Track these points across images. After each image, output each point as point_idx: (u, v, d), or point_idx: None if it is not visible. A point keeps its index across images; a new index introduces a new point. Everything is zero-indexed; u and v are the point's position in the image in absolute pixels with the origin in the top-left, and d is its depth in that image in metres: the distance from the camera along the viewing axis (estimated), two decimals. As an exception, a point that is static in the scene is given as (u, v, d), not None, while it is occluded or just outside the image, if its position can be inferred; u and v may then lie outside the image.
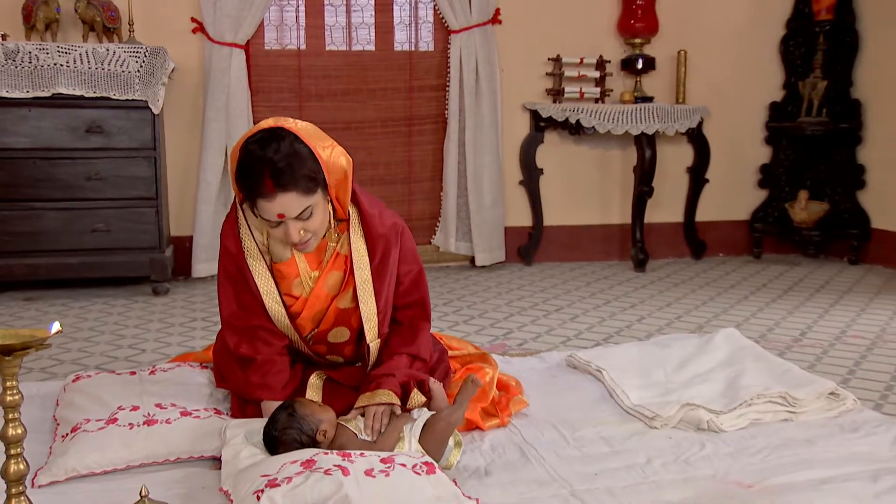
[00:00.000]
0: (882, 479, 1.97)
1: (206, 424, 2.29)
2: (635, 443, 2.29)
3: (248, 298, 2.35)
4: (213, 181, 4.51)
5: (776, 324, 3.74)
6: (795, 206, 5.19)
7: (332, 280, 2.33)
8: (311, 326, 2.38)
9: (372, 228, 2.33)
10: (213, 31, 4.47)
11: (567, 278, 4.77)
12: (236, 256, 2.33)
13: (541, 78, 5.09)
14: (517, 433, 2.37)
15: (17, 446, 1.42)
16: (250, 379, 2.34)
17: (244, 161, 2.13)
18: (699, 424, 2.37)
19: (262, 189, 2.09)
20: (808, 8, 5.25)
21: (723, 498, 1.92)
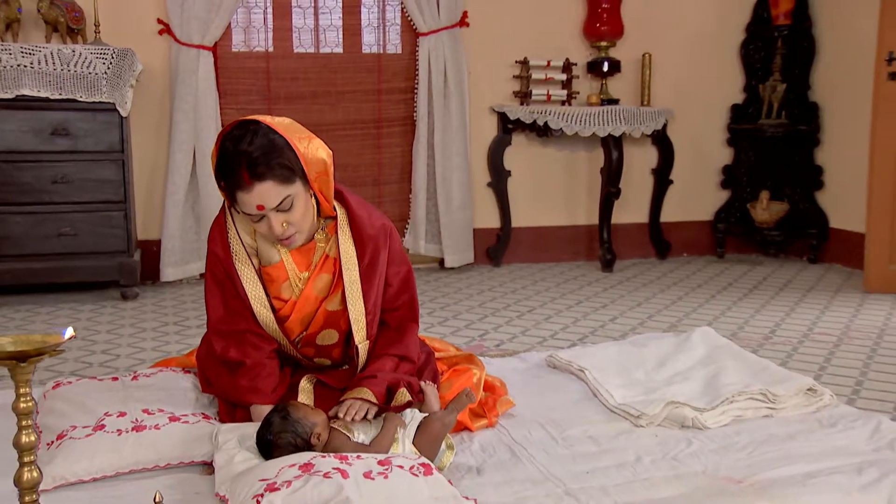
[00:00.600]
0: (866, 472, 2.02)
1: (196, 429, 2.28)
2: (623, 441, 2.32)
3: (236, 303, 2.33)
4: (181, 184, 4.46)
5: (746, 322, 3.81)
6: (757, 206, 5.30)
7: (321, 282, 2.33)
8: (299, 329, 2.37)
9: (361, 230, 2.33)
10: (180, 32, 4.43)
11: (537, 279, 4.81)
12: (224, 260, 2.32)
13: (508, 80, 5.12)
14: (506, 433, 2.39)
15: (30, 454, 1.40)
16: (239, 383, 2.32)
17: (221, 156, 2.14)
18: (683, 422, 2.41)
19: (239, 181, 2.09)
20: (766, 13, 5.36)
21: (715, 493, 1.95)
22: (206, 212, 4.51)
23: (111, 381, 2.62)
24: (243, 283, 2.31)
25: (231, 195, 2.15)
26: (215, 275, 2.35)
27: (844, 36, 5.13)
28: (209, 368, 2.44)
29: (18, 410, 1.38)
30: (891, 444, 2.24)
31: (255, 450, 2.10)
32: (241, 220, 2.32)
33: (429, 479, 1.93)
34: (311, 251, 2.33)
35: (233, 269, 2.31)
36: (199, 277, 4.69)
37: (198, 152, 4.48)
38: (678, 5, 5.35)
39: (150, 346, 3.47)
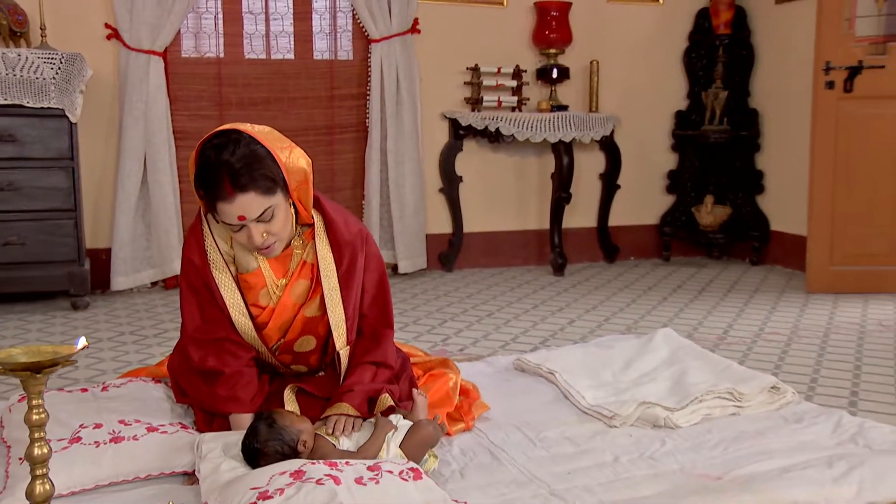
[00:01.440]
0: (836, 466, 2.10)
1: (175, 439, 2.26)
2: (599, 442, 2.37)
3: (214, 311, 2.32)
4: (132, 191, 4.40)
5: (699, 323, 3.92)
6: (701, 210, 5.44)
7: (298, 289, 2.33)
8: (277, 336, 2.37)
9: (338, 236, 2.34)
10: (129, 37, 4.37)
11: (490, 284, 4.86)
12: (201, 269, 2.31)
13: (459, 87, 5.17)
14: (483, 436, 2.42)
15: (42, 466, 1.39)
16: (218, 392, 2.31)
17: (202, 166, 2.12)
18: (656, 422, 2.47)
19: (221, 192, 2.08)
20: (708, 22, 5.51)
21: (696, 490, 2.01)
22: (157, 219, 4.46)
23: (80, 392, 2.58)
24: (221, 291, 2.30)
25: (211, 205, 2.14)
26: (191, 283, 2.34)
27: (781, 46, 5.31)
28: (184, 378, 2.42)
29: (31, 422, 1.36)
30: (853, 438, 2.34)
31: (240, 458, 2.09)
32: (217, 228, 2.31)
33: (418, 483, 1.95)
34: (289, 258, 2.33)
35: (210, 277, 2.30)
36: (151, 286, 4.63)
37: (148, 159, 4.42)
38: (624, 14, 5.46)
39: (109, 356, 3.41)
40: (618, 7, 5.45)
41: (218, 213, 2.14)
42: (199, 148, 2.16)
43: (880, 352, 3.44)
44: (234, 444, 2.14)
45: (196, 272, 2.32)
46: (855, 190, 4.52)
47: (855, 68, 4.45)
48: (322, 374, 2.50)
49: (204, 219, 2.32)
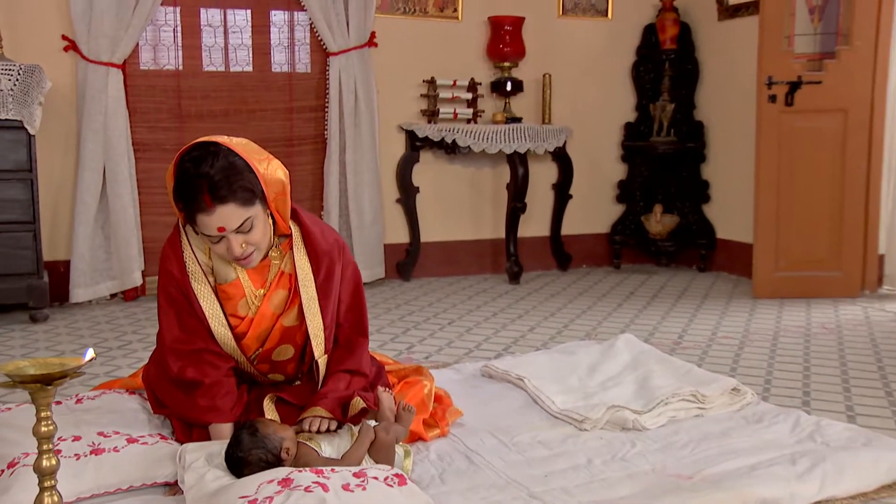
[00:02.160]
0: (799, 462, 2.18)
1: (155, 450, 2.26)
2: (571, 445, 2.42)
3: (192, 322, 2.32)
4: (91, 203, 4.35)
5: (655, 328, 4.00)
6: (651, 219, 5.55)
7: (277, 299, 2.35)
8: (255, 346, 2.38)
9: (315, 246, 2.36)
10: (87, 49, 4.32)
11: (448, 292, 4.90)
12: (180, 280, 2.30)
13: (416, 99, 5.21)
14: (459, 442, 2.46)
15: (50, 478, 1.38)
16: (198, 403, 2.31)
17: (181, 178, 2.13)
18: (624, 424, 2.53)
19: (200, 204, 2.09)
20: (654, 38, 5.64)
21: (671, 490, 2.07)
22: (117, 231, 4.41)
23: (55, 404, 2.55)
24: (200, 302, 2.30)
25: (190, 217, 2.15)
26: (170, 294, 2.33)
27: (723, 61, 5.46)
28: (162, 389, 2.41)
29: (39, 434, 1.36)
30: (811, 436, 2.43)
31: (224, 467, 2.10)
32: (196, 239, 2.31)
33: (403, 489, 1.98)
34: (266, 268, 2.34)
35: (189, 288, 2.30)
36: (110, 298, 4.57)
37: (108, 171, 4.37)
38: (575, 29, 5.56)
39: (74, 369, 3.36)
40: (569, 22, 5.55)
41: (197, 225, 2.14)
42: (176, 160, 2.16)
43: (826, 353, 3.56)
44: (217, 453, 2.14)
45: (175, 284, 2.31)
46: (797, 199, 4.66)
47: (795, 83, 4.60)
48: (298, 382, 2.52)
49: (182, 230, 2.32)
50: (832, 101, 4.61)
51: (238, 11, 4.77)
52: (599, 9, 5.63)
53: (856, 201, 4.69)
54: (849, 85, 4.61)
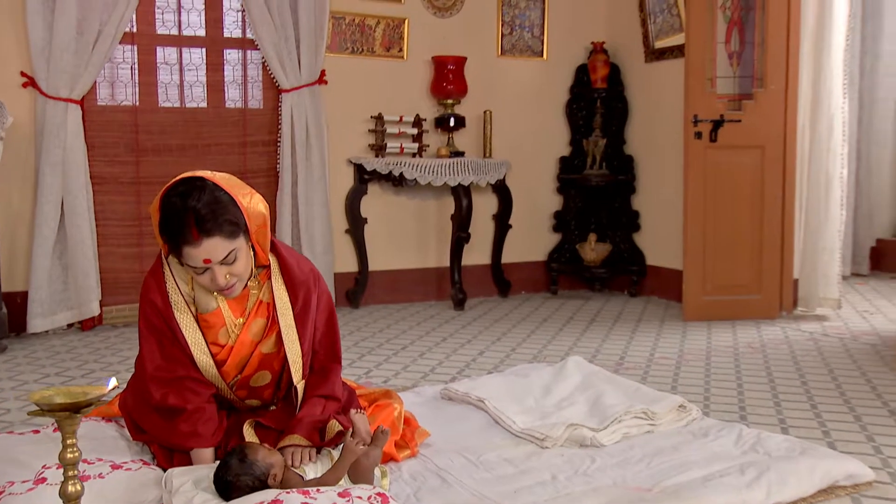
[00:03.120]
0: (747, 472, 2.30)
1: (140, 476, 2.25)
2: (535, 462, 2.50)
3: (174, 350, 2.33)
4: (49, 235, 4.29)
5: (597, 351, 4.12)
6: (585, 247, 5.71)
7: (256, 327, 2.38)
8: (235, 372, 2.40)
9: (293, 276, 2.40)
10: (46, 86, 4.28)
11: (397, 319, 4.95)
12: (163, 310, 2.32)
13: (364, 134, 5.28)
14: (429, 461, 2.51)
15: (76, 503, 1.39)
16: (179, 429, 2.31)
17: (168, 212, 2.16)
18: (583, 441, 2.62)
19: (187, 236, 2.12)
20: (587, 77, 5.82)
21: (634, 502, 2.15)
22: (75, 262, 4.36)
23: (32, 433, 2.53)
24: (183, 331, 2.32)
25: (176, 249, 2.17)
26: (152, 324, 2.34)
27: (651, 99, 5.67)
28: (142, 416, 2.41)
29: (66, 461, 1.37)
30: (753, 448, 2.55)
31: (212, 491, 2.11)
32: (178, 270, 2.33)
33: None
34: (245, 298, 2.37)
35: (172, 318, 2.31)
36: (67, 328, 4.50)
37: (66, 204, 4.32)
38: (513, 68, 5.71)
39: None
40: (508, 62, 5.70)
41: (183, 257, 2.17)
42: (162, 195, 2.19)
43: (755, 371, 3.72)
44: (204, 477, 2.15)
45: (157, 313, 2.33)
46: (721, 229, 4.86)
47: (718, 121, 4.81)
48: (274, 407, 2.54)
49: (165, 262, 2.34)
50: (751, 138, 4.84)
51: (193, 50, 4.79)
52: (535, 50, 5.79)
53: (773, 230, 4.91)
54: (765, 123, 4.84)
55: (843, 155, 4.94)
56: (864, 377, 3.62)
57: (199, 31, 4.80)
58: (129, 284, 4.63)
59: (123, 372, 3.71)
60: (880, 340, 4.33)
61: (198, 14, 4.78)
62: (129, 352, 4.06)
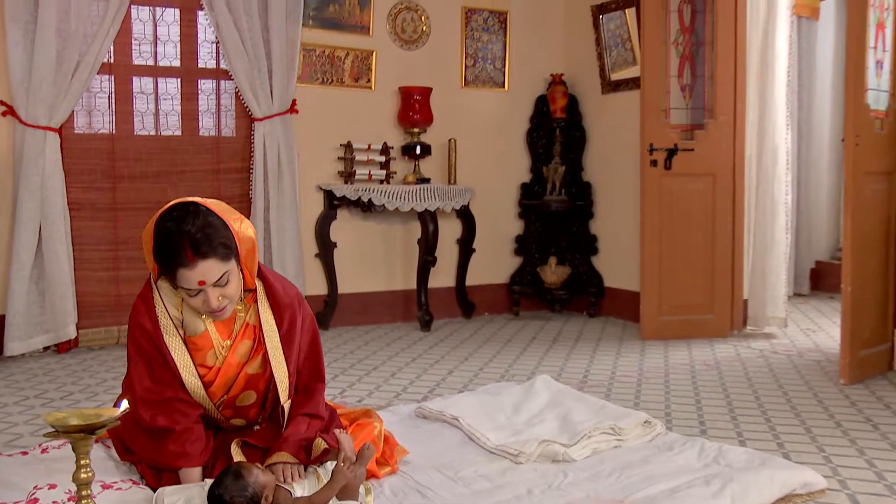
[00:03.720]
0: (712, 483, 2.37)
1: (130, 495, 2.26)
2: (510, 477, 2.54)
3: (163, 373, 2.35)
4: (26, 261, 4.26)
5: (561, 369, 4.19)
6: (546, 270, 5.80)
7: (242, 349, 2.40)
8: (221, 393, 2.42)
9: (278, 299, 2.43)
10: (25, 114, 4.27)
11: (367, 340, 4.98)
12: (153, 334, 2.33)
13: (333, 162, 5.32)
14: (409, 478, 2.54)
15: (92, 523, 1.41)
16: (168, 449, 2.33)
17: (162, 237, 2.19)
18: (555, 457, 2.67)
19: (182, 259, 2.16)
20: (546, 107, 5.94)
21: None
22: (52, 287, 4.33)
23: (21, 455, 2.52)
24: (172, 354, 2.34)
25: (171, 271, 2.20)
26: (141, 347, 2.36)
27: (607, 128, 5.80)
28: (130, 437, 2.42)
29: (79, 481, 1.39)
30: (716, 460, 2.63)
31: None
32: (167, 294, 2.35)
33: (374, 522, 2.07)
34: (233, 320, 2.40)
35: (162, 341, 2.33)
36: (43, 351, 4.45)
37: (44, 230, 4.30)
38: (477, 98, 5.81)
39: (21, 419, 3.29)
40: (471, 92, 5.79)
41: (178, 280, 2.20)
42: (156, 220, 2.22)
43: (711, 387, 3.82)
44: (195, 496, 2.17)
45: (147, 336, 2.34)
46: (676, 251, 4.98)
47: (672, 150, 4.94)
48: (258, 427, 2.57)
49: (154, 286, 2.36)
50: (703, 166, 4.98)
51: (169, 80, 4.80)
52: (497, 81, 5.90)
53: (724, 253, 5.05)
54: (715, 152, 4.99)
55: (787, 182, 5.11)
56: (812, 391, 3.74)
57: (174, 62, 4.82)
58: (104, 308, 4.61)
59: (101, 393, 3.69)
60: (823, 357, 4.47)
61: (173, 45, 4.80)
62: (105, 374, 4.04)
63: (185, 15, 4.83)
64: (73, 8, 4.33)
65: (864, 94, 3.97)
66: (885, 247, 4.17)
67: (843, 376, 3.93)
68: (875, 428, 3.20)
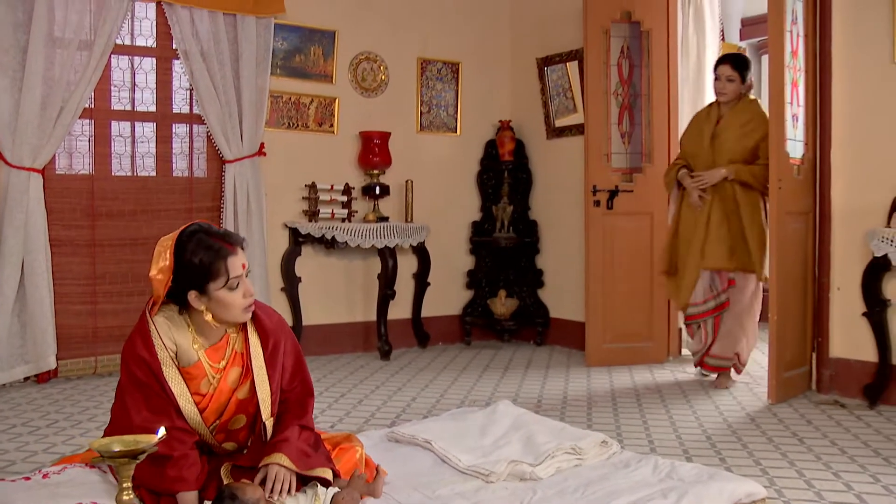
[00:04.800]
0: (669, 496, 2.51)
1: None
2: (484, 495, 2.63)
3: (159, 402, 2.39)
4: (9, 295, 4.25)
5: (516, 394, 4.32)
6: (496, 302, 5.94)
7: (232, 375, 2.49)
8: (214, 418, 2.49)
9: (264, 326, 2.54)
10: (11, 156, 4.28)
11: (332, 369, 5.05)
12: (151, 364, 2.39)
13: (298, 201, 5.40)
14: (391, 498, 2.61)
15: (134, 542, 1.48)
16: (167, 474, 2.37)
17: (194, 245, 2.33)
18: (522, 476, 2.78)
19: (223, 251, 2.33)
20: (495, 151, 6.12)
21: (576, 524, 2.35)
22: (33, 320, 4.33)
23: (24, 480, 2.53)
24: (170, 383, 2.40)
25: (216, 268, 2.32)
26: (137, 379, 2.39)
27: (551, 170, 6.01)
28: None
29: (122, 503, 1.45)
30: (669, 475, 2.76)
31: (205, 530, 2.19)
32: (163, 328, 2.42)
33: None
34: (224, 347, 2.49)
35: (160, 372, 2.39)
36: (24, 381, 4.42)
37: (26, 265, 4.29)
38: (431, 142, 5.97)
39: (12, 447, 3.28)
40: (426, 137, 5.95)
41: (228, 267, 2.32)
42: (176, 243, 2.34)
43: (654, 408, 4.00)
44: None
45: (145, 368, 2.39)
46: (617, 284, 5.18)
47: (613, 191, 5.16)
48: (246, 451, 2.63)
49: (151, 321, 2.43)
50: (641, 205, 5.20)
51: (146, 124, 4.85)
52: (450, 126, 6.08)
53: (660, 285, 5.26)
54: (652, 193, 5.21)
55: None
56: (744, 410, 3.94)
57: (150, 107, 4.87)
58: (82, 340, 4.59)
59: (85, 421, 3.69)
60: (751, 379, 4.69)
61: (150, 92, 4.85)
62: (86, 402, 4.03)
63: (161, 64, 4.89)
64: (59, 57, 4.37)
65: (784, 143, 4.24)
66: (804, 280, 4.43)
67: (770, 396, 4.15)
68: (801, 441, 3.40)
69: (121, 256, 4.72)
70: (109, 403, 3.98)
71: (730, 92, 4.48)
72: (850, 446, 3.34)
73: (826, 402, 4.13)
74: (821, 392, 4.35)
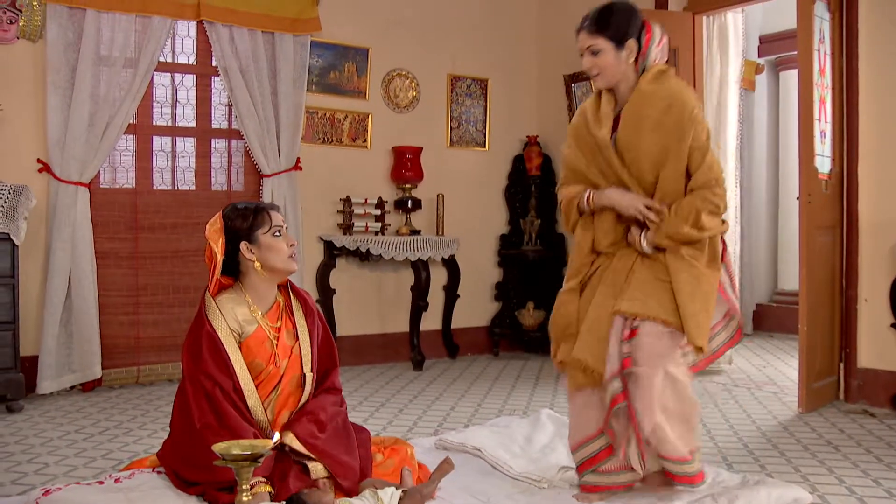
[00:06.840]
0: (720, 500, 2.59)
1: (211, 521, 2.39)
2: (538, 499, 2.73)
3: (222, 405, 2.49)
4: (58, 305, 4.37)
5: (551, 404, 4.39)
6: (524, 313, 6.03)
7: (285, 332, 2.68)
8: (273, 383, 2.62)
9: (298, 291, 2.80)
10: (59, 171, 4.40)
11: (367, 379, 5.13)
12: (213, 336, 2.56)
13: (333, 214, 5.51)
14: (448, 503, 2.71)
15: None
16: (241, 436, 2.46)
17: (239, 211, 2.66)
18: (572, 482, 2.87)
19: (263, 205, 2.66)
20: (523, 166, 6.22)
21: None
22: (80, 330, 4.43)
23: (98, 484, 2.62)
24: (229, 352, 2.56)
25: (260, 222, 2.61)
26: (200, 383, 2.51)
27: (577, 184, 6.09)
28: (187, 468, 2.53)
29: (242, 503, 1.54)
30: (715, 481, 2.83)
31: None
32: (226, 307, 2.61)
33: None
34: (277, 311, 2.70)
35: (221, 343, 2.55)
36: (70, 389, 4.53)
37: (73, 277, 4.40)
38: (461, 157, 6.08)
39: (71, 452, 3.37)
40: (456, 152, 6.06)
41: (272, 221, 2.62)
42: (223, 216, 2.66)
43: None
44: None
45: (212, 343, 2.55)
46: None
47: (640, 205, 5.23)
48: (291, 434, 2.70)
49: (212, 300, 2.59)
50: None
51: (186, 139, 4.97)
52: (479, 142, 6.18)
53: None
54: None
55: (735, 233, 5.46)
56: (775, 419, 4.01)
57: (191, 123, 4.99)
58: (125, 350, 4.70)
59: (135, 429, 3.77)
60: (779, 388, 4.76)
61: (191, 108, 4.98)
62: (133, 411, 4.13)
63: (201, 81, 5.01)
64: (105, 75, 4.50)
65: (813, 159, 4.33)
66: (831, 291, 4.51)
67: (800, 405, 4.22)
68: (836, 449, 3.47)
69: (162, 268, 4.83)
70: (155, 412, 4.10)
71: (605, 70, 2.66)
72: (885, 454, 3.41)
73: (855, 412, 4.20)
74: (849, 401, 4.42)
